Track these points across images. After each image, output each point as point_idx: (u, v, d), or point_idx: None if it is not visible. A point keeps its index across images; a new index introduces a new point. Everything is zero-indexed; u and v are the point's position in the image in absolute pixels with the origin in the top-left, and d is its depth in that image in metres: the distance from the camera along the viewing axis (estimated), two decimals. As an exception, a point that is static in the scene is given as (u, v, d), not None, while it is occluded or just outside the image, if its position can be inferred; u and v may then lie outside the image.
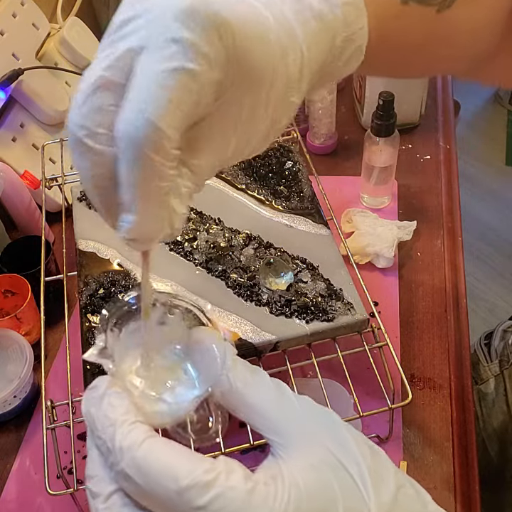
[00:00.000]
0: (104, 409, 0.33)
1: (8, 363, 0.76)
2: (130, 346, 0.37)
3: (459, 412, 0.71)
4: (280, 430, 0.34)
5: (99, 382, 0.34)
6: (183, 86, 0.27)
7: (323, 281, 0.65)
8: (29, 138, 0.95)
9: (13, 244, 0.85)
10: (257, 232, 0.70)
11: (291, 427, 0.33)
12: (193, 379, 0.36)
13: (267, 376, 0.36)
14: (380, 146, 0.87)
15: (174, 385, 0.36)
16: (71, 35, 1.05)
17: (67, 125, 0.30)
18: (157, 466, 0.29)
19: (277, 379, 0.36)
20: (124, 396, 0.33)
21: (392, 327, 0.78)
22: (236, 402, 0.35)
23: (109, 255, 0.69)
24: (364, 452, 0.32)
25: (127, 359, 0.37)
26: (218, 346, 0.36)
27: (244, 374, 0.35)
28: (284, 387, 0.35)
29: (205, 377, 0.36)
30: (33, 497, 0.68)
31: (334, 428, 0.33)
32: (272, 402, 0.34)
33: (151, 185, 0.29)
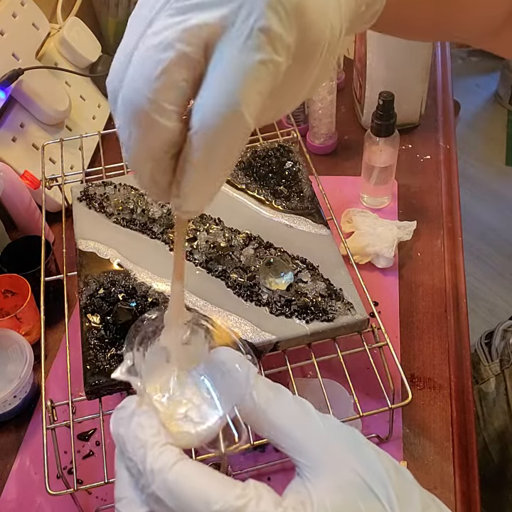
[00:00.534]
0: (134, 429, 0.32)
1: (8, 363, 0.76)
2: (155, 365, 0.37)
3: (459, 412, 0.71)
4: (306, 451, 0.34)
5: (127, 403, 0.34)
6: (271, 78, 0.27)
7: (323, 281, 0.65)
8: (29, 138, 0.95)
9: (13, 244, 0.85)
10: (257, 232, 0.70)
11: (317, 447, 0.33)
12: (215, 398, 0.36)
13: (289, 394, 0.36)
14: (380, 146, 0.87)
15: (199, 404, 0.36)
16: (71, 35, 1.05)
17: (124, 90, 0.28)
18: (189, 490, 0.30)
19: (300, 397, 0.36)
20: (153, 415, 0.33)
21: (392, 327, 0.78)
22: (260, 421, 0.35)
23: (109, 255, 0.69)
24: (390, 472, 0.32)
25: (152, 378, 0.37)
26: (241, 366, 0.36)
27: (267, 393, 0.35)
28: (308, 405, 0.35)
29: (228, 397, 0.36)
30: (33, 497, 0.68)
31: (359, 447, 0.33)
32: (297, 422, 0.34)
33: (221, 168, 0.30)
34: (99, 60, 1.10)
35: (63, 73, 1.03)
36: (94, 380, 0.58)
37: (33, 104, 0.95)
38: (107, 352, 0.60)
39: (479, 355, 0.95)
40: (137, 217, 0.73)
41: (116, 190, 0.76)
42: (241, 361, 0.36)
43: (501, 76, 2.62)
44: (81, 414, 0.63)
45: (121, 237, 0.71)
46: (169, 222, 0.72)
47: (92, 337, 0.61)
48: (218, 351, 0.37)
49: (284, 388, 0.36)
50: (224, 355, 0.37)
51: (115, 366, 0.59)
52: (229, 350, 0.37)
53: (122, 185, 0.76)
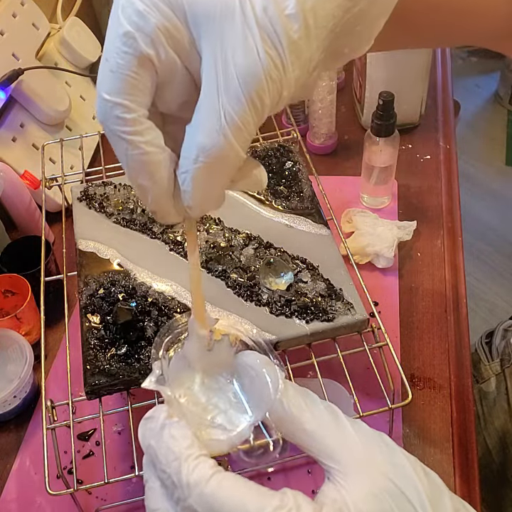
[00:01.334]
0: (166, 441, 0.32)
1: (8, 363, 0.76)
2: (180, 372, 0.37)
3: (459, 412, 0.71)
4: (338, 457, 0.34)
5: (156, 413, 0.34)
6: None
7: (323, 281, 0.65)
8: (29, 138, 0.95)
9: (13, 244, 0.85)
10: (257, 232, 0.70)
11: (349, 453, 0.34)
12: (243, 403, 0.36)
13: (318, 399, 0.36)
14: (380, 146, 0.87)
15: (226, 409, 0.36)
16: (71, 35, 1.05)
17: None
18: (227, 503, 0.30)
19: (328, 402, 0.36)
20: (185, 426, 0.33)
21: (392, 327, 0.78)
22: (291, 427, 0.35)
23: (109, 255, 0.69)
24: (421, 477, 0.32)
25: (178, 384, 0.37)
26: (269, 371, 0.36)
27: (297, 399, 0.35)
28: (337, 410, 0.36)
29: (256, 402, 0.36)
30: (33, 497, 0.68)
31: (390, 452, 0.33)
32: (328, 427, 0.34)
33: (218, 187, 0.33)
34: (99, 60, 1.10)
35: (63, 73, 1.03)
36: (94, 380, 0.58)
37: (33, 104, 0.95)
38: (107, 352, 0.60)
39: (480, 354, 0.95)
40: (137, 217, 0.73)
41: (116, 190, 0.76)
42: (269, 365, 0.36)
43: (501, 76, 2.62)
44: (81, 414, 0.63)
45: (121, 237, 0.71)
46: (169, 222, 0.72)
47: (92, 337, 0.61)
48: (245, 355, 0.37)
49: (312, 393, 0.36)
50: (251, 359, 0.37)
51: (115, 366, 0.59)
52: (256, 354, 0.37)
53: (122, 185, 0.76)
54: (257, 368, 0.36)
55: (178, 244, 0.69)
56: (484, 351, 0.95)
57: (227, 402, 0.36)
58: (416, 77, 1.00)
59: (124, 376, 0.58)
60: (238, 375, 0.37)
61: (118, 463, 0.70)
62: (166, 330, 0.39)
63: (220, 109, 0.28)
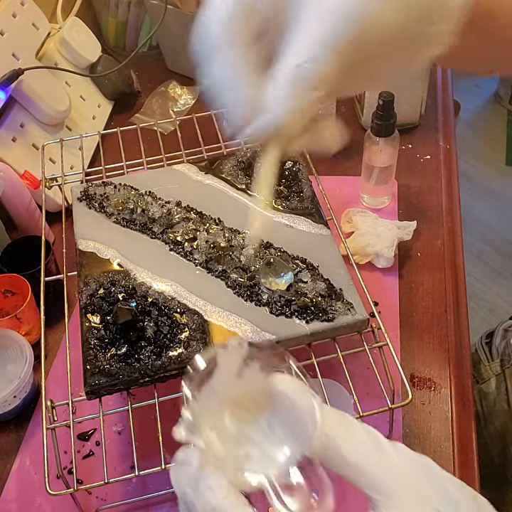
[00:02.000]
0: (203, 492, 0.32)
1: (8, 363, 0.76)
2: (210, 404, 0.36)
3: (459, 412, 0.71)
4: (382, 487, 0.33)
5: (188, 457, 0.33)
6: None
7: (323, 281, 0.65)
8: (29, 138, 0.95)
9: (13, 244, 0.85)
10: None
11: (393, 482, 0.33)
12: (279, 434, 0.35)
13: (358, 424, 0.34)
14: (380, 146, 0.87)
15: (259, 440, 0.35)
16: (71, 35, 1.05)
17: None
18: None
19: (366, 425, 0.35)
20: (220, 475, 0.32)
21: (392, 327, 0.78)
22: (331, 458, 0.34)
23: (109, 255, 0.69)
24: (468, 503, 0.31)
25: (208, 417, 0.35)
26: (304, 397, 0.34)
27: (337, 427, 0.34)
28: (376, 433, 0.34)
29: (292, 433, 0.34)
30: (33, 497, 0.68)
31: (434, 478, 0.33)
32: (371, 457, 0.33)
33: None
34: (99, 60, 1.10)
35: (63, 73, 1.03)
36: (94, 380, 0.58)
37: (33, 104, 0.95)
38: (107, 352, 0.60)
39: (480, 354, 0.95)
40: (137, 217, 0.73)
41: (116, 190, 0.76)
42: (303, 393, 0.34)
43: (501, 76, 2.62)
44: (81, 414, 0.63)
45: (121, 237, 0.71)
46: (169, 222, 0.72)
47: (92, 337, 0.61)
48: (277, 381, 0.35)
49: (350, 417, 0.35)
50: (284, 386, 0.35)
51: (115, 366, 0.59)
52: (288, 379, 0.36)
53: (122, 185, 0.76)
54: (291, 396, 0.34)
55: (178, 244, 0.69)
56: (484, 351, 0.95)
57: (260, 433, 0.35)
58: (416, 77, 1.00)
59: (124, 376, 0.58)
60: (271, 403, 0.35)
61: (118, 463, 0.70)
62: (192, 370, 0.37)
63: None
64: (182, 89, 1.19)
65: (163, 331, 0.61)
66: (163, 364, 0.59)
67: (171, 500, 0.67)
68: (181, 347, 0.60)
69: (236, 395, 0.35)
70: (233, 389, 0.35)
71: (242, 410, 0.35)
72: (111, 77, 1.11)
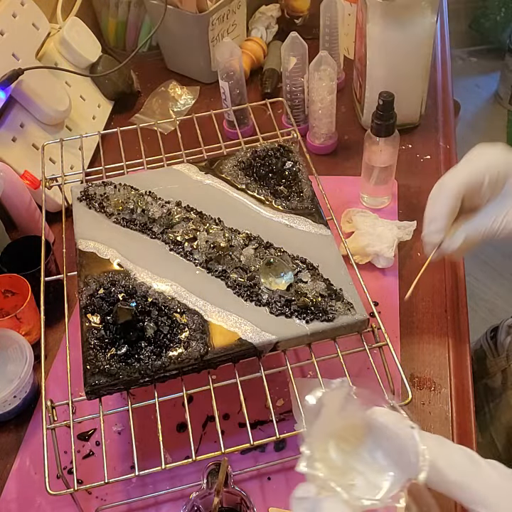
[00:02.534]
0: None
1: (8, 363, 0.76)
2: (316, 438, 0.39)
3: (459, 412, 0.71)
4: (487, 501, 0.35)
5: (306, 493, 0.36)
6: None
7: (323, 281, 0.65)
8: (29, 138, 0.95)
9: (13, 244, 0.85)
10: (257, 232, 0.70)
11: (496, 496, 0.35)
12: (380, 462, 0.37)
13: (454, 445, 0.37)
14: (380, 146, 0.87)
15: (364, 470, 0.37)
16: (71, 35, 1.05)
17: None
18: None
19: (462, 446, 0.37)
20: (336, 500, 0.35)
21: (392, 327, 0.78)
22: (436, 479, 0.36)
23: (109, 255, 0.69)
24: None
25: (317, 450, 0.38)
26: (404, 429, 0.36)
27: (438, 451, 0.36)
28: (474, 454, 0.37)
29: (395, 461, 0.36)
30: (33, 497, 0.68)
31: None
32: (472, 474, 0.36)
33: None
34: (99, 60, 1.10)
35: (63, 73, 1.03)
36: (94, 380, 0.58)
37: (33, 104, 0.95)
38: (107, 352, 0.60)
39: (485, 350, 0.95)
40: (137, 217, 0.73)
41: (116, 190, 0.76)
42: (402, 422, 0.37)
43: (501, 76, 2.62)
44: (81, 414, 0.63)
45: (121, 237, 0.71)
46: (169, 222, 0.72)
47: (92, 337, 0.61)
48: (377, 414, 0.38)
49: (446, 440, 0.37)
50: (384, 418, 0.37)
51: (115, 366, 0.59)
52: (387, 412, 0.38)
53: (122, 185, 0.76)
54: (391, 428, 0.37)
55: (178, 244, 0.69)
56: (490, 347, 0.95)
57: (363, 464, 0.37)
58: (416, 77, 1.00)
59: (124, 376, 0.58)
60: (371, 435, 0.38)
61: (118, 463, 0.70)
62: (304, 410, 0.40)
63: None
64: (182, 89, 1.19)
65: (163, 331, 0.61)
66: (163, 364, 0.59)
67: (171, 500, 0.67)
68: (181, 347, 0.60)
69: (339, 429, 0.38)
70: (336, 424, 0.38)
71: (344, 443, 0.38)
72: (111, 77, 1.11)
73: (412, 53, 0.96)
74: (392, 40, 0.93)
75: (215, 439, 0.70)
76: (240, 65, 0.99)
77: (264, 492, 0.66)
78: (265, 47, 1.22)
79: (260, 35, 1.24)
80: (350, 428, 0.39)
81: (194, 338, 0.61)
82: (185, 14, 1.08)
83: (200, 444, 0.70)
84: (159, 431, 0.58)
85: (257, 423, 0.71)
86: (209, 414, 0.72)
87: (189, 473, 0.68)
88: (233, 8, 1.14)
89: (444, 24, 1.31)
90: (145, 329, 0.61)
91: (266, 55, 1.21)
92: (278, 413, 0.72)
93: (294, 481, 0.67)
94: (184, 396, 0.60)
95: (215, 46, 1.13)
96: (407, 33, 0.93)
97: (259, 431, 0.71)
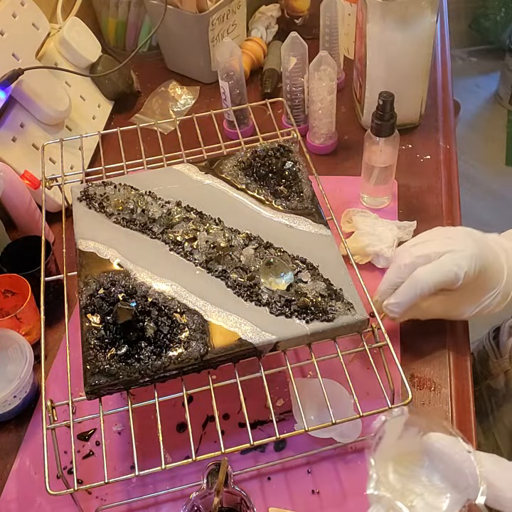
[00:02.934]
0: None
1: (8, 363, 0.76)
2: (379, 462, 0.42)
3: (458, 412, 0.71)
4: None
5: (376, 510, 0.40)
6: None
7: (323, 281, 0.65)
8: (29, 138, 0.95)
9: (13, 244, 0.85)
10: (257, 232, 0.70)
11: None
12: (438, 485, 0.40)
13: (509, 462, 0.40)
14: (380, 146, 0.87)
15: (422, 492, 0.40)
16: (71, 35, 1.05)
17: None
18: None
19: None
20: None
21: (392, 327, 0.78)
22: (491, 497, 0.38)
23: (109, 255, 0.69)
24: None
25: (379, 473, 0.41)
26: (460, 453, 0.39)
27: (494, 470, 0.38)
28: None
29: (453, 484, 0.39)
30: (33, 497, 0.68)
31: None
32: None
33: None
34: (99, 60, 1.10)
35: (63, 73, 1.03)
36: (94, 380, 0.58)
37: (33, 104, 0.95)
38: (107, 352, 0.60)
39: (488, 351, 0.95)
40: (137, 217, 0.73)
41: (116, 190, 0.76)
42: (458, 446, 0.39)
43: (501, 76, 2.62)
44: (81, 414, 0.63)
45: (121, 237, 0.71)
46: (169, 222, 0.72)
47: (92, 337, 0.61)
48: (432, 439, 0.40)
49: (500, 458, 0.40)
50: (441, 443, 0.40)
51: (115, 366, 0.59)
52: (444, 437, 0.40)
53: (122, 185, 0.76)
54: (448, 452, 0.39)
55: (178, 244, 0.69)
56: (492, 348, 0.94)
57: (421, 486, 0.40)
58: (416, 77, 1.00)
59: (124, 376, 0.58)
60: (428, 460, 0.40)
61: (118, 463, 0.70)
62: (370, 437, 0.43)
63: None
64: (182, 89, 1.19)
65: (163, 331, 0.61)
66: (163, 364, 0.59)
67: (171, 500, 0.67)
68: (181, 347, 0.60)
69: (397, 455, 0.41)
70: (395, 450, 0.41)
71: (401, 468, 0.41)
72: (111, 77, 1.11)
73: (412, 53, 0.96)
74: (392, 40, 0.93)
75: (215, 439, 0.70)
76: (240, 65, 0.99)
77: (264, 492, 0.66)
78: (265, 47, 1.22)
79: (260, 35, 1.24)
80: (408, 454, 0.41)
81: (194, 338, 0.61)
82: (185, 14, 1.08)
83: (200, 444, 0.70)
84: (159, 431, 0.58)
85: (257, 423, 0.71)
86: (209, 414, 0.72)
87: (189, 473, 0.68)
88: (233, 8, 1.14)
89: (444, 24, 1.31)
90: (145, 329, 0.61)
91: (266, 55, 1.21)
92: (278, 413, 0.72)
93: (294, 480, 0.67)
94: (184, 396, 0.60)
95: (215, 46, 1.13)
96: (407, 33, 0.93)
97: (259, 431, 0.71)
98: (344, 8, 1.06)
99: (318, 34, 1.06)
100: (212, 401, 0.59)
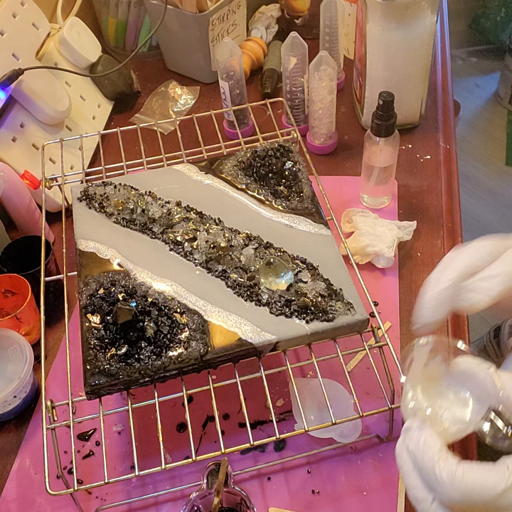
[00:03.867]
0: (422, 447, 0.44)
1: (8, 363, 0.76)
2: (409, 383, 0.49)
3: (459, 412, 0.71)
4: None
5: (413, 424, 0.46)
6: None
7: (323, 281, 0.65)
8: (29, 138, 0.95)
9: (13, 244, 0.85)
10: (257, 232, 0.70)
11: None
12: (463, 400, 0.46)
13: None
14: (380, 146, 0.87)
15: (448, 406, 0.47)
16: (71, 35, 1.05)
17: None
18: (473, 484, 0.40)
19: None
20: (435, 436, 0.44)
21: (392, 327, 0.78)
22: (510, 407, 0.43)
23: (109, 255, 0.69)
24: None
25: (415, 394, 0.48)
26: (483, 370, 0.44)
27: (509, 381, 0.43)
28: None
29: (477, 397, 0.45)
30: (33, 497, 0.68)
31: None
32: None
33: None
34: (99, 60, 1.10)
35: (63, 73, 1.03)
36: (94, 380, 0.58)
37: (33, 104, 0.95)
38: (107, 352, 0.60)
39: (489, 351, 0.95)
40: (137, 217, 0.73)
41: (116, 190, 0.76)
42: (480, 364, 0.45)
43: (501, 76, 2.62)
44: (81, 414, 0.63)
45: (121, 237, 0.71)
46: (169, 222, 0.72)
47: (92, 337, 0.61)
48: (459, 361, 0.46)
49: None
50: (465, 364, 0.46)
51: (115, 366, 0.59)
52: (467, 359, 0.46)
53: (122, 185, 0.76)
54: (472, 370, 0.45)
55: (178, 244, 0.69)
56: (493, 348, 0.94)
57: (448, 401, 0.47)
58: (416, 77, 1.00)
59: (124, 376, 0.58)
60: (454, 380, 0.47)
61: (118, 463, 0.70)
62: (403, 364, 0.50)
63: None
64: (182, 89, 1.19)
65: (163, 331, 0.61)
66: (163, 364, 0.59)
67: (171, 500, 0.67)
68: (181, 347, 0.60)
69: (424, 380, 0.48)
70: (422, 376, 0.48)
71: (429, 389, 0.48)
72: (111, 77, 1.11)
73: (412, 53, 0.96)
74: (392, 40, 0.93)
75: (215, 439, 0.70)
76: (240, 65, 0.99)
77: (264, 492, 0.66)
78: (265, 47, 1.22)
79: (260, 35, 1.24)
80: (434, 379, 0.47)
81: (194, 338, 0.61)
82: (185, 14, 1.08)
83: (200, 444, 0.70)
84: (159, 431, 0.58)
85: (257, 423, 0.71)
86: (209, 414, 0.72)
87: (189, 473, 0.68)
88: (233, 8, 1.14)
89: (444, 24, 1.31)
90: (145, 329, 0.61)
91: (266, 55, 1.21)
92: (278, 413, 0.72)
93: (294, 481, 0.67)
94: (184, 396, 0.60)
95: (215, 46, 1.13)
96: (407, 33, 0.93)
97: (259, 431, 0.71)
98: (344, 8, 1.06)
99: (318, 34, 1.06)
100: (212, 401, 0.59)
